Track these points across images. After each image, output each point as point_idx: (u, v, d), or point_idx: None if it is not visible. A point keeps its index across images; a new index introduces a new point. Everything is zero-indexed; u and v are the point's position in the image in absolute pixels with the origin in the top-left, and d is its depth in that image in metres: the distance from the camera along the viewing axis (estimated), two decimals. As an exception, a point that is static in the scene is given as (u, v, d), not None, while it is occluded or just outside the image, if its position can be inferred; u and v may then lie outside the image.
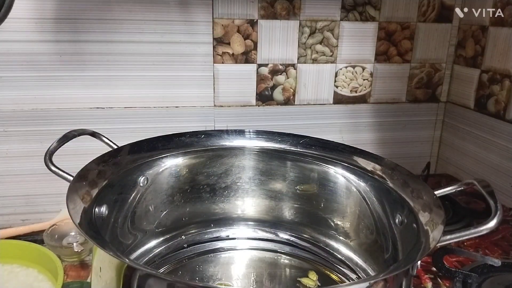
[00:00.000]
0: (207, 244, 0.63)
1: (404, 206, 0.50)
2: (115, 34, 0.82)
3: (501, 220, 0.39)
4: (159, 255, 0.60)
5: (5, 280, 0.60)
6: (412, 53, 0.98)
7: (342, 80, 0.96)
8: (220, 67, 0.89)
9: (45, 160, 0.49)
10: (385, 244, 0.54)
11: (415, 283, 0.66)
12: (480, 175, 0.96)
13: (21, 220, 0.86)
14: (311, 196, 0.64)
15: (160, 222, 0.62)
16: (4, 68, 0.79)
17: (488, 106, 0.92)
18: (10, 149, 0.83)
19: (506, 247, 0.75)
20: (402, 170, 0.56)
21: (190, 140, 0.62)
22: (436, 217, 0.45)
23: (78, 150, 0.62)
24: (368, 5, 0.92)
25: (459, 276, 0.64)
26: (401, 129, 1.03)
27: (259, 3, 0.87)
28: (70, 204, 0.41)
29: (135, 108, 0.87)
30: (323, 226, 0.63)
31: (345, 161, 0.60)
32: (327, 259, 0.62)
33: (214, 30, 0.87)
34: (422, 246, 0.41)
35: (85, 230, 0.39)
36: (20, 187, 0.85)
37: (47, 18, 0.78)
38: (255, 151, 0.64)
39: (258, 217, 0.66)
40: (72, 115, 0.84)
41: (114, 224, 0.52)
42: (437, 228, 0.43)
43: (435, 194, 0.49)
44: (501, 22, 0.87)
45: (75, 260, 0.70)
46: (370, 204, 0.56)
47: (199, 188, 0.63)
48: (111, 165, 0.52)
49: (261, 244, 0.64)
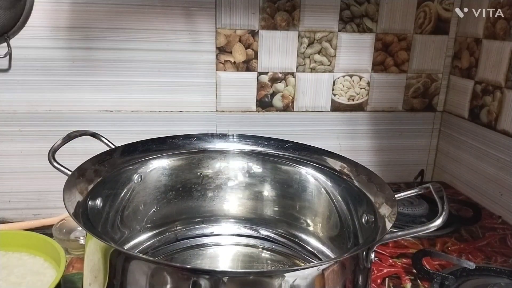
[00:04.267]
0: (195, 239, 0.69)
1: (367, 203, 0.55)
2: (124, 42, 0.88)
3: (446, 220, 0.43)
4: (151, 247, 0.66)
5: (14, 266, 0.65)
6: (408, 63, 1.01)
7: (340, 88, 1.00)
8: (222, 74, 0.94)
9: (48, 157, 0.55)
10: (350, 238, 0.59)
11: (395, 283, 0.69)
12: (474, 184, 0.98)
13: (33, 214, 0.91)
14: (287, 196, 0.68)
15: (151, 217, 0.67)
16: (21, 72, 0.85)
17: (481, 117, 0.95)
18: (24, 147, 0.89)
19: (489, 253, 0.78)
20: (364, 169, 0.61)
21: (182, 142, 0.67)
22: (391, 212, 0.49)
23: (80, 149, 0.67)
24: (366, 17, 0.96)
25: (437, 278, 0.67)
26: (398, 137, 1.06)
27: (260, 15, 0.92)
28: (66, 196, 0.47)
29: (141, 112, 0.92)
30: (298, 223, 0.68)
31: (315, 162, 0.65)
32: (302, 253, 0.67)
33: (217, 39, 0.92)
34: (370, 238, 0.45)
35: (78, 218, 0.45)
36: (33, 183, 0.91)
37: (61, 27, 0.84)
38: (242, 153, 0.69)
39: (241, 216, 0.71)
40: (82, 117, 0.90)
41: (107, 216, 0.57)
42: (388, 222, 0.47)
43: (394, 194, 0.53)
44: (493, 35, 0.90)
45: (81, 253, 0.74)
46: (336, 202, 0.61)
47: (190, 187, 0.68)
48: (107, 163, 0.58)
49: (244, 240, 0.70)
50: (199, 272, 0.41)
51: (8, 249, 0.68)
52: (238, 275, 0.42)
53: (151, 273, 0.40)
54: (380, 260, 0.74)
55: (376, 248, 0.50)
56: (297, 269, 0.45)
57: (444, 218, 0.43)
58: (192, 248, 0.68)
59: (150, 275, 0.40)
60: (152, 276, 0.40)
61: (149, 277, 0.40)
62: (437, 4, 0.98)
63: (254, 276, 0.41)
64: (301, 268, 0.44)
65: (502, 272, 0.70)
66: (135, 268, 0.42)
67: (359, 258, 0.44)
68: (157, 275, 0.40)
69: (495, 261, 0.75)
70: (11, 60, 0.84)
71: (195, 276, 0.39)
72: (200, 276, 0.39)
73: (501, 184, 0.90)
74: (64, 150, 0.59)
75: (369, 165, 0.62)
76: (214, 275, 0.40)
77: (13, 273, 0.64)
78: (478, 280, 0.69)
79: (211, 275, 0.40)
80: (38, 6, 0.81)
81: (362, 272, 0.44)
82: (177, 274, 0.40)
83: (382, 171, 1.05)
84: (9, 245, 0.68)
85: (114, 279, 0.42)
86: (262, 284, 0.40)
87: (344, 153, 0.66)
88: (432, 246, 0.80)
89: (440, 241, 0.81)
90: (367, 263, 0.45)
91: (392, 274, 0.71)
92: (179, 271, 0.40)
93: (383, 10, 0.96)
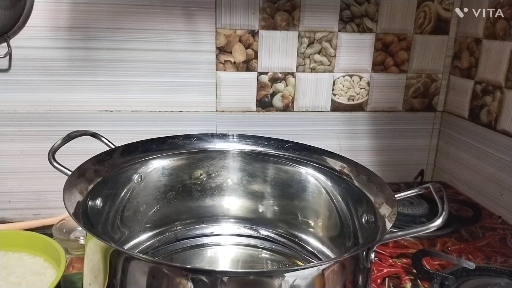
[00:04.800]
0: (195, 239, 0.69)
1: (367, 203, 0.55)
2: (124, 43, 0.88)
3: (446, 220, 0.43)
4: (151, 247, 0.66)
5: (14, 266, 0.65)
6: (408, 63, 1.01)
7: (340, 88, 1.00)
8: (222, 74, 0.94)
9: (48, 157, 0.55)
10: (350, 238, 0.59)
11: (395, 283, 0.69)
12: (473, 184, 0.98)
13: (33, 214, 0.91)
14: (287, 196, 0.68)
15: (151, 217, 0.67)
16: (21, 72, 0.85)
17: (481, 117, 0.95)
18: (24, 147, 0.89)
19: (489, 253, 0.78)
20: (364, 169, 0.61)
21: (182, 142, 0.67)
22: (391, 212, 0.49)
23: (80, 149, 0.67)
24: (366, 17, 0.96)
25: (437, 278, 0.67)
26: (398, 137, 1.06)
27: (260, 15, 0.92)
28: (66, 196, 0.47)
29: (141, 112, 0.92)
30: (298, 223, 0.68)
31: (315, 162, 0.65)
32: (302, 253, 0.67)
33: (217, 39, 0.92)
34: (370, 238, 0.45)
35: (78, 218, 0.45)
36: (33, 183, 0.91)
37: (61, 27, 0.84)
38: (242, 154, 0.69)
39: (241, 216, 0.71)
40: (82, 117, 0.90)
41: (107, 216, 0.57)
42: (388, 222, 0.47)
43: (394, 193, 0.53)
44: (493, 35, 0.90)
45: (81, 253, 0.75)
46: (336, 202, 0.61)
47: (190, 187, 0.69)
48: (107, 163, 0.58)
49: (244, 240, 0.70)
50: (199, 272, 0.41)
51: (8, 249, 0.68)
52: (238, 275, 0.42)
53: (151, 273, 0.41)
54: (380, 260, 0.74)
55: (376, 248, 0.50)
56: (297, 269, 0.45)
57: (444, 218, 0.43)
58: (192, 248, 0.68)
59: (150, 275, 0.40)
60: (152, 276, 0.40)
61: (149, 277, 0.40)
62: (437, 4, 0.98)
63: (254, 276, 0.41)
64: (301, 268, 0.44)
65: (502, 272, 0.70)
66: (135, 268, 0.42)
67: (359, 258, 0.44)
68: (157, 275, 0.40)
69: (495, 261, 0.75)
70: (11, 60, 0.84)
71: (195, 276, 0.39)
72: (200, 276, 0.39)
73: (501, 184, 0.90)
74: (64, 150, 0.58)
75: (369, 165, 0.62)
76: (214, 275, 0.40)
77: (13, 273, 0.63)
78: (478, 280, 0.69)
79: (211, 275, 0.40)
80: (38, 6, 0.81)
81: (362, 272, 0.44)
82: (177, 274, 0.40)
83: (382, 171, 1.05)
84: (9, 245, 0.68)
85: (114, 279, 0.42)
86: (262, 284, 0.40)
87: (344, 153, 0.66)
88: (432, 246, 0.80)
89: (440, 241, 0.81)
90: (367, 263, 0.45)
91: (392, 274, 0.71)
92: (179, 271, 0.40)
93: (383, 10, 0.96)
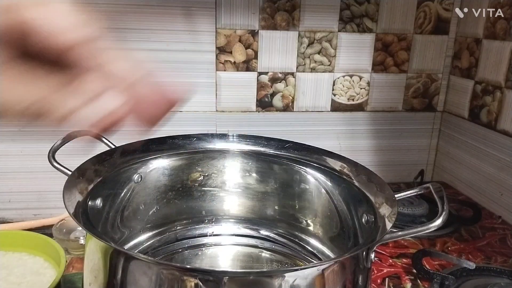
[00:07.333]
0: (195, 239, 0.69)
1: (367, 203, 0.55)
2: (123, 42, 0.87)
3: (446, 220, 0.43)
4: (151, 247, 0.66)
5: (14, 266, 0.65)
6: (408, 63, 1.01)
7: (340, 88, 1.00)
8: (222, 74, 0.94)
9: (48, 157, 0.55)
10: (350, 238, 0.59)
11: (395, 283, 0.69)
12: (474, 184, 0.98)
13: (33, 214, 0.91)
14: (287, 196, 0.69)
15: (151, 217, 0.67)
16: (21, 73, 0.85)
17: (481, 117, 0.95)
18: (24, 147, 0.89)
19: (489, 253, 0.78)
20: (364, 169, 0.61)
21: (182, 142, 0.67)
22: (391, 212, 0.49)
23: (80, 149, 0.67)
24: (365, 17, 0.96)
25: (437, 278, 0.67)
26: (398, 137, 1.06)
27: (260, 15, 0.92)
28: (66, 196, 0.47)
29: (141, 112, 0.92)
30: (298, 223, 0.68)
31: (315, 162, 0.65)
32: (302, 253, 0.67)
33: (217, 39, 0.92)
34: (370, 238, 0.45)
35: (78, 218, 0.45)
36: (33, 183, 0.90)
37: (61, 27, 0.84)
38: (242, 154, 0.69)
39: (241, 216, 0.71)
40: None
41: (107, 216, 0.57)
42: (388, 222, 0.47)
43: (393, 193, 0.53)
44: (493, 35, 0.90)
45: (81, 253, 0.75)
46: (336, 202, 0.61)
47: (190, 187, 0.69)
48: (107, 163, 0.58)
49: (244, 240, 0.70)
50: (199, 272, 0.41)
51: (8, 249, 0.68)
52: (238, 275, 0.42)
53: (151, 273, 0.41)
54: (380, 260, 0.74)
55: (376, 248, 0.50)
56: (297, 269, 0.45)
57: (444, 218, 0.43)
58: (192, 248, 0.68)
59: (150, 275, 0.40)
60: (152, 276, 0.40)
61: (149, 277, 0.40)
62: (437, 4, 0.98)
63: (254, 276, 0.41)
64: (301, 268, 0.44)
65: (502, 272, 0.70)
66: (135, 268, 0.42)
67: (359, 258, 0.44)
68: (157, 275, 0.40)
69: (495, 261, 0.75)
70: (11, 60, 0.84)
71: (195, 276, 0.39)
72: (200, 276, 0.39)
73: (501, 184, 0.90)
74: (64, 150, 0.58)
75: (369, 165, 0.62)
76: (214, 275, 0.40)
77: (13, 273, 0.64)
78: (478, 280, 0.69)
79: (211, 275, 0.40)
80: (38, 6, 0.81)
81: (362, 272, 0.44)
82: (177, 274, 0.40)
83: (382, 171, 1.05)
84: (9, 245, 0.68)
85: (114, 279, 0.42)
86: (262, 284, 0.40)
87: (344, 153, 0.66)
88: (432, 246, 0.80)
89: (440, 241, 0.81)
90: (367, 263, 0.45)
91: (392, 274, 0.71)
92: (179, 271, 0.40)
93: (383, 10, 0.96)
